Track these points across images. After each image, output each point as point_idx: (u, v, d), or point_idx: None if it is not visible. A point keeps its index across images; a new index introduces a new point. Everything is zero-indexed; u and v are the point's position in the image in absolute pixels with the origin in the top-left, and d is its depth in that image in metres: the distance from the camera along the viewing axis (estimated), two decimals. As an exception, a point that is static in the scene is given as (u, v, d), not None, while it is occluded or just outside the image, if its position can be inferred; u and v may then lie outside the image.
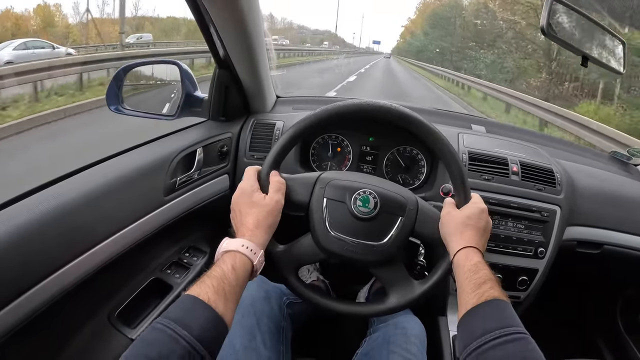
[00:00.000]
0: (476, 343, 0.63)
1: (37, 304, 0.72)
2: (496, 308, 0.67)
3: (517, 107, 9.53)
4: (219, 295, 0.64)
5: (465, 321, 0.69)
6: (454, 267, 0.79)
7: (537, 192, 1.14)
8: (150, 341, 0.57)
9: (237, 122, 1.26)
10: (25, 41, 11.64)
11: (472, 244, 0.78)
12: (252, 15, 0.97)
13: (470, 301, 0.69)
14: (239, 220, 0.79)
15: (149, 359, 0.54)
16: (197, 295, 0.63)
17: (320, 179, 0.88)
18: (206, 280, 0.66)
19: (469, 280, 0.72)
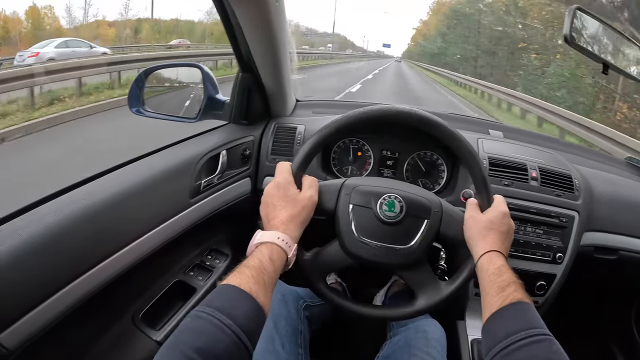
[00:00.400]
0: (502, 344, 0.63)
1: (66, 306, 0.73)
2: (520, 310, 0.68)
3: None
4: (259, 286, 0.64)
5: (490, 323, 0.70)
6: (477, 271, 0.79)
7: (555, 198, 1.15)
8: (196, 330, 0.57)
9: (259, 125, 1.27)
10: (66, 40, 12.53)
11: (496, 248, 0.79)
12: (279, 19, 0.98)
13: (495, 304, 0.70)
14: (271, 214, 0.79)
15: (196, 348, 0.53)
16: (238, 285, 0.63)
17: (345, 186, 0.88)
18: (245, 271, 0.65)
19: (493, 283, 0.73)
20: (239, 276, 0.64)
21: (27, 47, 11.93)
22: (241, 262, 0.68)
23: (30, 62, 9.73)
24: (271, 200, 0.80)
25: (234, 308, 0.60)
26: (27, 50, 11.34)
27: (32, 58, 10.24)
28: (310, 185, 0.84)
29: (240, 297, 0.62)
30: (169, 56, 11.45)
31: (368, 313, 0.93)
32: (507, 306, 0.69)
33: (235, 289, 0.62)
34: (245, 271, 0.65)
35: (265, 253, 0.70)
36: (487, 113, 10.85)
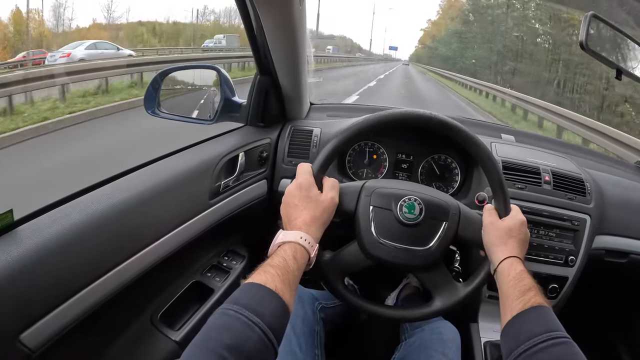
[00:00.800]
0: (524, 346, 0.65)
1: (88, 305, 0.73)
2: (541, 314, 0.70)
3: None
4: (284, 284, 0.65)
5: (512, 325, 0.71)
6: (497, 276, 0.81)
7: (568, 201, 1.16)
8: (224, 327, 0.57)
9: (275, 128, 1.28)
10: (95, 42, 13.34)
11: (515, 254, 0.81)
12: (301, 22, 0.99)
13: (516, 307, 0.71)
14: (293, 214, 0.79)
15: (224, 345, 0.54)
16: (264, 284, 0.63)
17: (365, 188, 0.89)
18: (270, 270, 0.66)
19: (514, 287, 0.75)
20: (264, 275, 0.65)
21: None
22: (264, 261, 0.69)
23: (62, 62, 10.36)
24: (293, 200, 0.81)
25: (260, 306, 0.60)
26: (58, 50, 12.09)
27: (64, 58, 10.86)
28: (332, 186, 0.85)
29: (267, 295, 0.62)
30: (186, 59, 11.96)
31: (386, 313, 0.94)
32: (528, 309, 0.70)
33: (261, 287, 0.63)
34: (270, 270, 0.66)
35: (289, 252, 0.71)
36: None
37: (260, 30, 1.00)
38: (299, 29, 1.00)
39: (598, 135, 6.19)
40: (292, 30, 0.98)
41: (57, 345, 0.69)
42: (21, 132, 5.05)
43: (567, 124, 7.40)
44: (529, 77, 15.87)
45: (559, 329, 0.66)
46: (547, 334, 0.64)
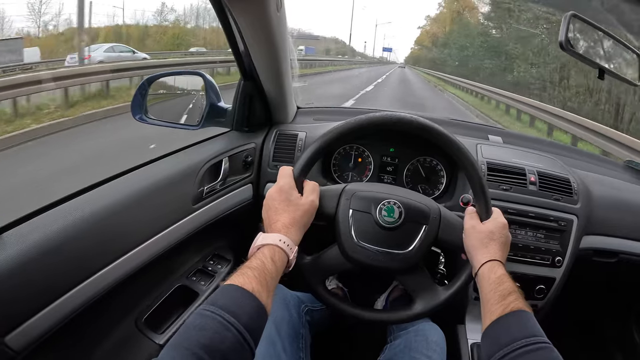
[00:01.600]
0: (502, 352, 0.65)
1: (70, 310, 0.74)
2: (521, 318, 0.70)
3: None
4: (262, 286, 0.65)
5: (491, 331, 0.71)
6: (478, 279, 0.81)
7: (554, 202, 1.16)
8: (201, 327, 0.58)
9: (260, 132, 1.29)
10: (113, 45, 13.98)
11: (496, 257, 0.81)
12: (280, 28, 0.99)
13: (496, 312, 0.72)
14: (273, 217, 0.80)
15: (201, 345, 0.54)
16: (241, 285, 0.64)
17: (346, 191, 0.90)
18: (247, 272, 0.67)
19: (494, 291, 0.75)
20: (242, 276, 0.66)
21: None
22: (243, 263, 0.70)
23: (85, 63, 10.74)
24: (273, 203, 0.82)
25: (237, 307, 0.61)
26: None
27: (85, 60, 11.17)
28: (312, 190, 0.86)
29: (244, 297, 0.63)
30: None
31: (366, 316, 0.94)
32: (508, 314, 0.70)
33: (239, 289, 0.64)
34: (247, 272, 0.67)
35: (267, 254, 0.71)
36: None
37: (240, 35, 1.01)
38: (279, 34, 1.00)
39: (589, 133, 6.18)
40: (271, 36, 0.99)
41: (42, 348, 0.70)
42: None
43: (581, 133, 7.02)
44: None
45: (539, 333, 0.66)
46: (526, 339, 0.65)
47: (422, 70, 43.68)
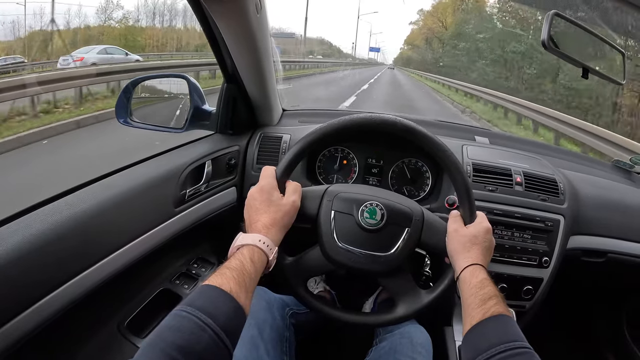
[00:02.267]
0: (481, 357, 0.64)
1: (50, 313, 0.73)
2: (501, 323, 0.69)
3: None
4: (240, 287, 0.65)
5: (471, 336, 0.70)
6: (459, 283, 0.80)
7: (540, 202, 1.15)
8: (176, 327, 0.57)
9: (245, 135, 1.28)
10: (105, 47, 13.51)
11: (478, 262, 0.80)
12: (261, 30, 0.99)
13: (476, 316, 0.71)
14: (254, 217, 0.80)
15: (176, 346, 0.54)
16: (219, 286, 0.63)
17: (328, 192, 0.89)
18: (226, 272, 0.66)
19: (475, 296, 0.74)
20: (220, 277, 0.65)
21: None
22: (222, 264, 0.69)
23: (77, 65, 10.68)
24: (254, 203, 0.81)
25: (214, 308, 0.60)
26: (71, 55, 12.29)
27: (78, 62, 11.17)
28: (294, 190, 0.85)
29: (221, 297, 0.63)
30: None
31: (348, 319, 0.93)
32: (488, 319, 0.70)
33: (216, 289, 0.63)
34: (226, 272, 0.66)
35: (246, 255, 0.71)
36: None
37: (221, 38, 1.01)
38: (260, 37, 1.00)
39: (582, 133, 6.15)
40: (252, 39, 0.99)
41: (21, 352, 0.70)
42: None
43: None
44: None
45: (519, 338, 0.66)
46: (506, 345, 0.64)
47: (414, 72, 38.93)
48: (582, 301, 1.65)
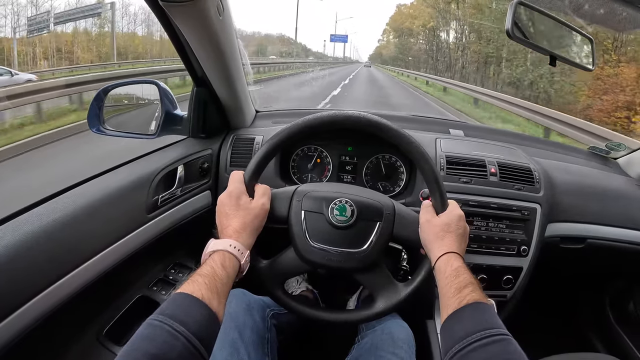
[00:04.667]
0: (458, 346, 0.64)
1: (24, 325, 0.73)
2: (477, 311, 0.69)
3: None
4: (212, 293, 0.65)
5: (447, 325, 0.70)
6: (435, 273, 0.80)
7: (516, 192, 1.16)
8: (149, 337, 0.57)
9: (217, 138, 1.28)
10: None
11: (453, 249, 0.80)
12: (225, 33, 0.98)
13: (452, 305, 0.71)
14: (224, 222, 0.80)
15: (150, 355, 0.54)
16: (190, 293, 0.64)
17: (297, 192, 0.90)
18: (198, 279, 0.66)
19: (450, 285, 0.74)
20: (192, 284, 0.66)
21: None
22: (194, 271, 0.69)
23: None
24: (224, 209, 0.82)
25: (186, 315, 0.61)
26: None
27: None
28: (262, 193, 0.86)
29: (193, 304, 0.63)
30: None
31: (328, 318, 0.93)
32: (464, 307, 0.69)
33: (188, 297, 0.63)
34: (198, 279, 0.67)
35: (217, 261, 0.71)
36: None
37: (186, 43, 1.00)
38: (224, 39, 0.99)
39: (554, 122, 6.29)
40: (216, 42, 0.98)
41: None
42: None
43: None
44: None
45: (496, 325, 0.65)
46: (482, 332, 0.63)
47: (397, 70, 35.33)
48: (565, 287, 1.66)
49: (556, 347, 1.09)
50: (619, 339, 1.47)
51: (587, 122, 5.57)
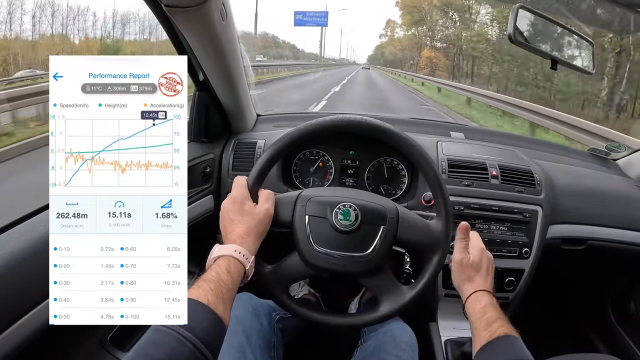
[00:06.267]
0: None
1: (29, 332, 0.73)
2: (507, 343, 0.73)
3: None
4: (218, 298, 0.65)
5: (480, 357, 0.74)
6: (466, 308, 0.85)
7: (517, 194, 1.16)
8: (156, 343, 0.57)
9: (219, 142, 1.28)
10: None
11: (481, 288, 0.85)
12: (227, 38, 0.98)
13: (484, 338, 0.75)
14: (229, 228, 0.80)
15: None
16: (196, 299, 0.63)
17: (301, 197, 0.89)
18: (203, 284, 0.66)
19: (480, 320, 0.79)
20: (198, 289, 0.65)
21: None
22: (198, 275, 0.70)
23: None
24: (228, 214, 0.82)
25: (192, 321, 0.60)
26: None
27: None
28: (266, 198, 0.85)
29: (199, 310, 0.63)
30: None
31: (333, 322, 0.93)
32: (495, 339, 0.73)
33: (194, 302, 0.63)
34: (203, 284, 0.66)
35: (222, 266, 0.71)
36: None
37: (189, 47, 1.00)
38: (227, 44, 0.99)
39: (557, 124, 6.24)
40: (219, 46, 0.98)
41: None
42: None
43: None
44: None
45: (526, 356, 0.69)
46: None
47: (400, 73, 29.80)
48: (566, 288, 1.67)
49: (557, 347, 1.10)
50: (620, 339, 1.48)
51: (587, 122, 5.55)
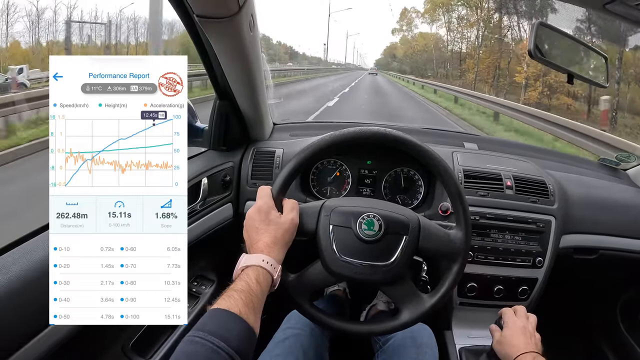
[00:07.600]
0: None
1: (53, 342, 0.73)
2: None
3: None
4: (249, 308, 0.66)
5: None
6: None
7: (531, 204, 1.18)
8: (192, 354, 0.58)
9: (238, 151, 1.29)
10: None
11: (529, 350, 0.84)
12: (254, 48, 0.99)
13: None
14: (255, 237, 0.80)
15: None
16: (228, 309, 0.64)
17: (325, 207, 0.90)
18: (233, 295, 0.67)
19: None
20: (228, 300, 0.66)
21: None
22: (229, 286, 0.70)
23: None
24: (253, 224, 0.82)
25: (226, 331, 0.61)
26: None
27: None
28: (291, 208, 0.86)
29: (231, 320, 0.63)
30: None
31: (355, 330, 0.95)
32: None
33: (226, 312, 0.64)
34: (234, 295, 0.67)
35: (251, 276, 0.72)
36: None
37: (214, 56, 1.01)
38: (252, 54, 1.01)
39: (570, 133, 6.20)
40: (245, 57, 0.99)
41: None
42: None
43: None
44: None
45: None
46: None
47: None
48: (578, 297, 1.68)
49: (568, 355, 1.12)
50: (630, 348, 1.50)
51: (599, 131, 5.55)
